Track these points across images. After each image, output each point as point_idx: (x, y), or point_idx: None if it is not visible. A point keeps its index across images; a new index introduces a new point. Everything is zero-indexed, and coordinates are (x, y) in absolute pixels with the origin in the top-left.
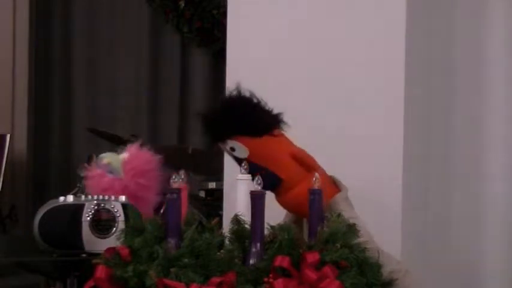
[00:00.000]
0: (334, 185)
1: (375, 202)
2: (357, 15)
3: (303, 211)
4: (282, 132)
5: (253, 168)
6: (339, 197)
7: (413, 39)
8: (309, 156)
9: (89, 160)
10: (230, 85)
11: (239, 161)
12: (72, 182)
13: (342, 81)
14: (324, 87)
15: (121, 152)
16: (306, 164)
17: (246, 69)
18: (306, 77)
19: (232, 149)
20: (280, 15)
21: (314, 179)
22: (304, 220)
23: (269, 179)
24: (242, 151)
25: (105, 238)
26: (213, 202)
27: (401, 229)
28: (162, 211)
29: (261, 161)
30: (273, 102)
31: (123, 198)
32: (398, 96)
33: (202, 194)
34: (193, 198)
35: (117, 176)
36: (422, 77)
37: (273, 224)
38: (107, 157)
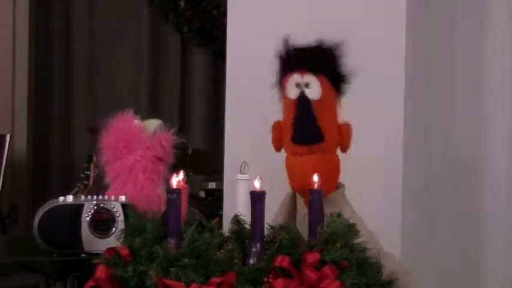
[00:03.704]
0: None
1: (375, 202)
2: (357, 15)
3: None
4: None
5: (310, 115)
6: (337, 193)
7: (414, 39)
8: (350, 137)
9: (89, 160)
10: (230, 85)
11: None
12: (72, 182)
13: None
14: None
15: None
16: (344, 142)
17: (246, 69)
18: None
19: (307, 85)
20: (280, 15)
21: (314, 179)
22: (298, 213)
23: (315, 132)
24: (316, 91)
25: (104, 238)
26: (213, 202)
27: (402, 229)
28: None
29: (321, 111)
30: (273, 103)
31: (123, 198)
32: (399, 96)
33: (202, 194)
34: (193, 198)
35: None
36: (423, 76)
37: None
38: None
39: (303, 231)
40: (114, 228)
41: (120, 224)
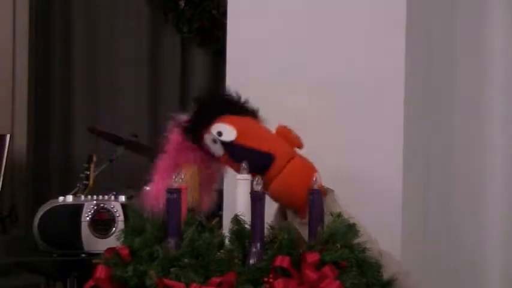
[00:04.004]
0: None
1: (375, 202)
2: (357, 16)
3: (295, 195)
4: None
5: (241, 152)
6: (328, 199)
7: (414, 39)
8: (293, 132)
9: (89, 160)
10: (230, 85)
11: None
12: (72, 182)
13: (342, 80)
14: (324, 87)
15: None
16: (292, 141)
17: (246, 69)
18: (306, 77)
19: (220, 134)
20: (281, 15)
21: (314, 178)
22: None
23: (260, 158)
24: (230, 132)
25: (104, 238)
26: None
27: (401, 230)
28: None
29: (249, 139)
30: (273, 103)
31: (123, 198)
32: (399, 95)
33: None
34: None
35: None
36: (423, 76)
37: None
38: None
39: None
40: (114, 228)
41: (120, 224)
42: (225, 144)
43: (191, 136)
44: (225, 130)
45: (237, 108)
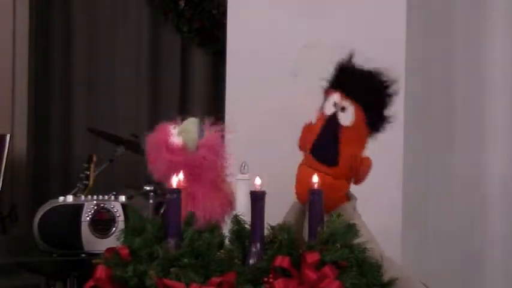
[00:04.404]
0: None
1: (375, 203)
2: (357, 15)
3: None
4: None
5: (333, 137)
6: (349, 205)
7: (414, 39)
8: (368, 172)
9: (89, 160)
10: (230, 85)
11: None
12: (72, 182)
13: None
14: (325, 87)
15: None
16: (360, 176)
17: (246, 69)
18: (306, 77)
19: (343, 109)
20: (281, 15)
21: (314, 181)
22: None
23: (331, 154)
24: (348, 118)
25: (104, 238)
26: None
27: (402, 231)
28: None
29: (345, 138)
30: (272, 103)
31: (123, 198)
32: (399, 95)
33: None
34: None
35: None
36: (423, 76)
37: (273, 224)
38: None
39: None
40: (114, 228)
41: (120, 224)
42: (333, 117)
43: (336, 78)
44: (350, 113)
45: (378, 115)
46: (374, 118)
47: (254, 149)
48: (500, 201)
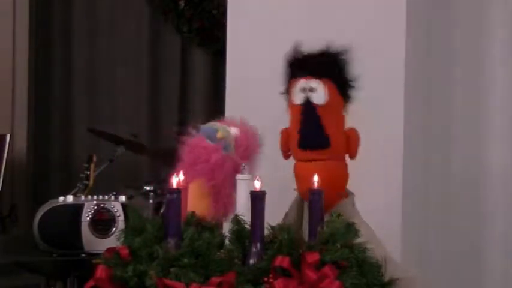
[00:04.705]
0: None
1: (375, 203)
2: (357, 15)
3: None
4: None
5: (315, 119)
6: (347, 202)
7: (414, 39)
8: (358, 143)
9: (89, 160)
10: (230, 85)
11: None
12: (72, 182)
13: None
14: None
15: (228, 125)
16: (352, 149)
17: (246, 69)
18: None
19: (312, 90)
20: (281, 14)
21: (314, 181)
22: (304, 216)
23: (320, 137)
24: (321, 96)
25: (104, 238)
26: None
27: (402, 230)
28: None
29: (327, 117)
30: (273, 103)
31: (123, 198)
32: (399, 96)
33: None
34: None
35: (229, 153)
36: (423, 76)
37: (273, 224)
38: (220, 130)
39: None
40: (114, 228)
41: (120, 224)
42: (307, 102)
43: (291, 69)
44: (320, 91)
45: (343, 80)
46: (343, 86)
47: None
48: (500, 201)
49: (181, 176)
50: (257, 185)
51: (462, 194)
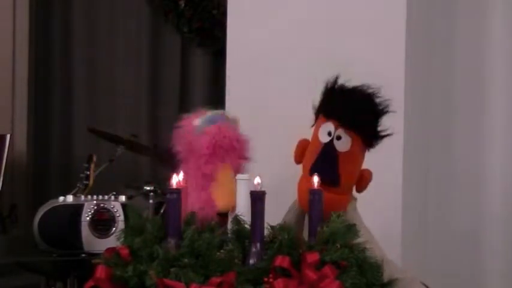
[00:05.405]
0: None
1: (375, 203)
2: (357, 15)
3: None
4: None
5: (332, 163)
6: (349, 206)
7: (414, 39)
8: (368, 183)
9: (89, 160)
10: (230, 85)
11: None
12: (72, 182)
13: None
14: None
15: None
16: (361, 186)
17: (246, 69)
18: (306, 77)
19: (338, 138)
20: (281, 15)
21: (314, 181)
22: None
23: (332, 175)
24: (345, 146)
25: (104, 238)
26: None
27: (402, 230)
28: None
29: (343, 160)
30: (272, 103)
31: (123, 198)
32: (399, 96)
33: None
34: None
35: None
36: (423, 76)
37: (273, 224)
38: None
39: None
40: (114, 228)
41: (120, 224)
42: (329, 144)
43: (325, 104)
44: (346, 142)
45: (373, 134)
46: (370, 139)
47: (254, 149)
48: (500, 201)
49: (181, 176)
50: (257, 180)
51: (462, 194)
